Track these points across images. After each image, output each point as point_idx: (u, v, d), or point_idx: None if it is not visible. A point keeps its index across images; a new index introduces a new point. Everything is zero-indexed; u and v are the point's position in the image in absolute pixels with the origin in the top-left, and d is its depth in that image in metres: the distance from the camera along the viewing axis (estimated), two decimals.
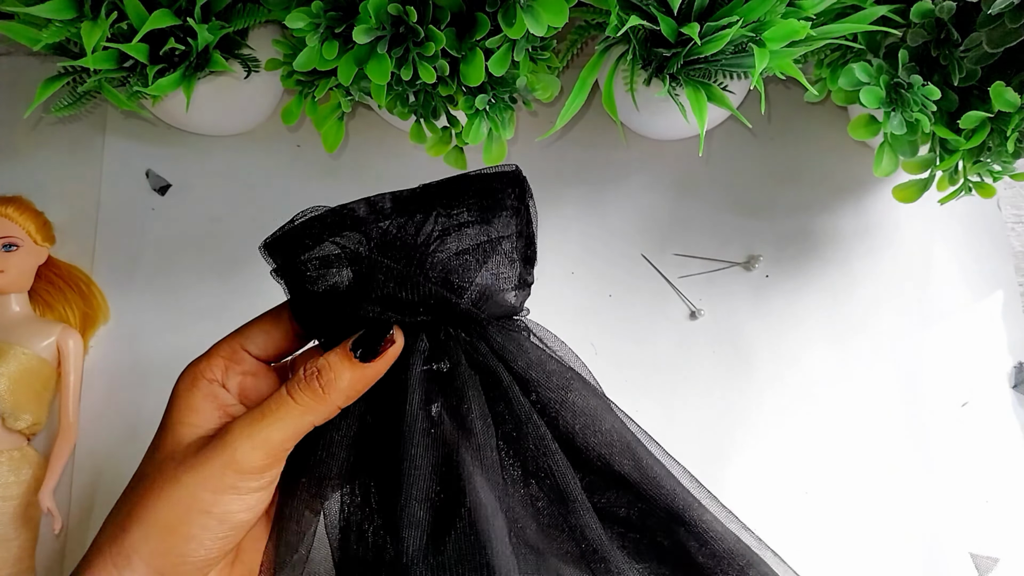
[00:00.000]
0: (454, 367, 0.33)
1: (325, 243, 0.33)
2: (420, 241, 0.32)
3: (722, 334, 0.53)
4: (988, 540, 0.50)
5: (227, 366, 0.36)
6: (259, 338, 0.37)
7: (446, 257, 0.33)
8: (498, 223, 0.33)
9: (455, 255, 0.33)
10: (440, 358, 0.34)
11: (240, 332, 0.38)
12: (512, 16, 0.40)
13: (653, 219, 0.55)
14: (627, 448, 0.34)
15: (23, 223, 0.50)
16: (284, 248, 0.35)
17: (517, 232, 0.34)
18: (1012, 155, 0.44)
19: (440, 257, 0.32)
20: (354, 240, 0.33)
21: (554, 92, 0.45)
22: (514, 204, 0.33)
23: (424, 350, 0.33)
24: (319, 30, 0.41)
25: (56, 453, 0.48)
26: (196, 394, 0.35)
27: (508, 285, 0.34)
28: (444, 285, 0.33)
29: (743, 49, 0.43)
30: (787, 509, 0.50)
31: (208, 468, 0.31)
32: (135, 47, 0.42)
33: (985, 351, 0.53)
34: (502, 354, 0.34)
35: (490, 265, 0.33)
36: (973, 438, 0.52)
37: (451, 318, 0.33)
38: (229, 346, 0.37)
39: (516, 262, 0.34)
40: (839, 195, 0.56)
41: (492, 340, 0.34)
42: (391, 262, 0.32)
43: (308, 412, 0.33)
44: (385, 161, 0.56)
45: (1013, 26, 0.40)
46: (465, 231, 0.33)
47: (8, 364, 0.47)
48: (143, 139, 0.56)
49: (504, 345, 0.34)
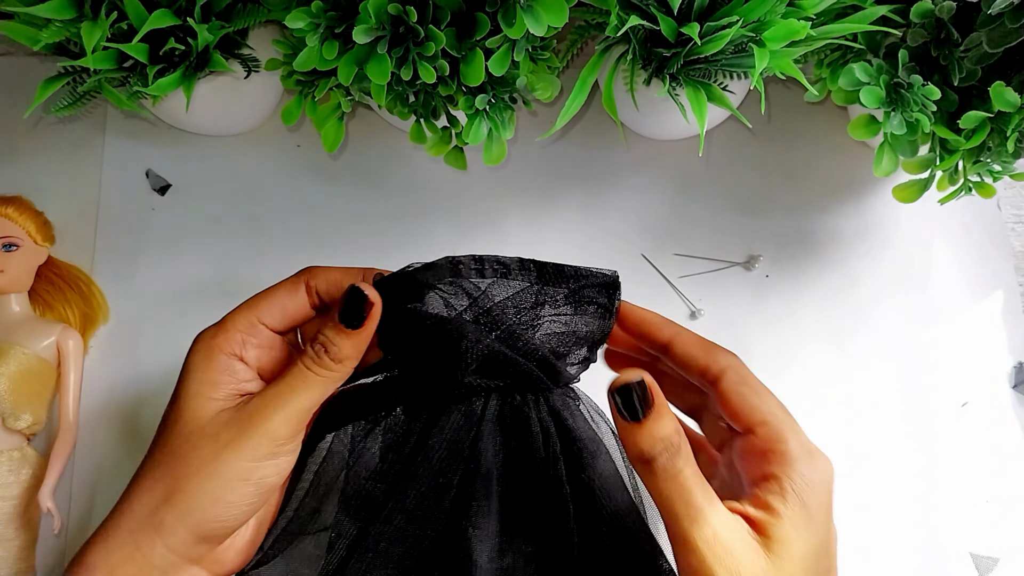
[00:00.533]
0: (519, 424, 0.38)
1: (438, 289, 0.37)
2: (522, 318, 0.37)
3: (722, 334, 0.53)
4: (988, 540, 0.50)
5: (244, 339, 0.38)
6: (275, 311, 0.39)
7: (542, 336, 0.37)
8: (587, 316, 0.38)
9: (548, 336, 0.37)
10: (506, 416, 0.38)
11: (255, 305, 0.39)
12: (512, 16, 0.40)
13: (653, 219, 0.55)
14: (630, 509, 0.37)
15: (23, 223, 0.50)
16: (393, 288, 0.37)
17: (599, 327, 0.38)
18: (1012, 155, 0.44)
19: (536, 335, 0.37)
20: (461, 297, 0.37)
21: (554, 92, 0.45)
22: (606, 303, 0.38)
23: (495, 407, 0.38)
24: (319, 30, 0.41)
25: (56, 453, 0.48)
26: (214, 367, 0.37)
27: (576, 361, 0.39)
28: (529, 356, 0.37)
29: (743, 49, 0.43)
30: None
31: (247, 442, 0.34)
32: (135, 47, 0.42)
33: (985, 351, 0.53)
34: (558, 415, 0.38)
35: (573, 349, 0.38)
36: (973, 438, 0.52)
37: (526, 384, 0.38)
38: (246, 319, 0.38)
39: (591, 345, 0.39)
40: (839, 195, 0.56)
41: (552, 403, 0.38)
42: (496, 332, 0.36)
43: (327, 380, 0.35)
44: (385, 161, 0.56)
45: (1013, 26, 0.40)
46: (561, 317, 0.38)
47: (8, 364, 0.47)
48: (143, 139, 0.56)
49: (559, 410, 0.38)
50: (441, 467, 0.36)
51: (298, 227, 0.55)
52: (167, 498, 0.34)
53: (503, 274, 0.37)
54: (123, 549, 0.34)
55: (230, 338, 0.37)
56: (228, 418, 0.35)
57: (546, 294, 0.37)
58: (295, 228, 0.54)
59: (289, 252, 0.54)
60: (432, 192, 0.55)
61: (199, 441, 0.35)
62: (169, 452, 0.35)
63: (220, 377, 0.36)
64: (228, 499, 0.34)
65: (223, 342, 0.37)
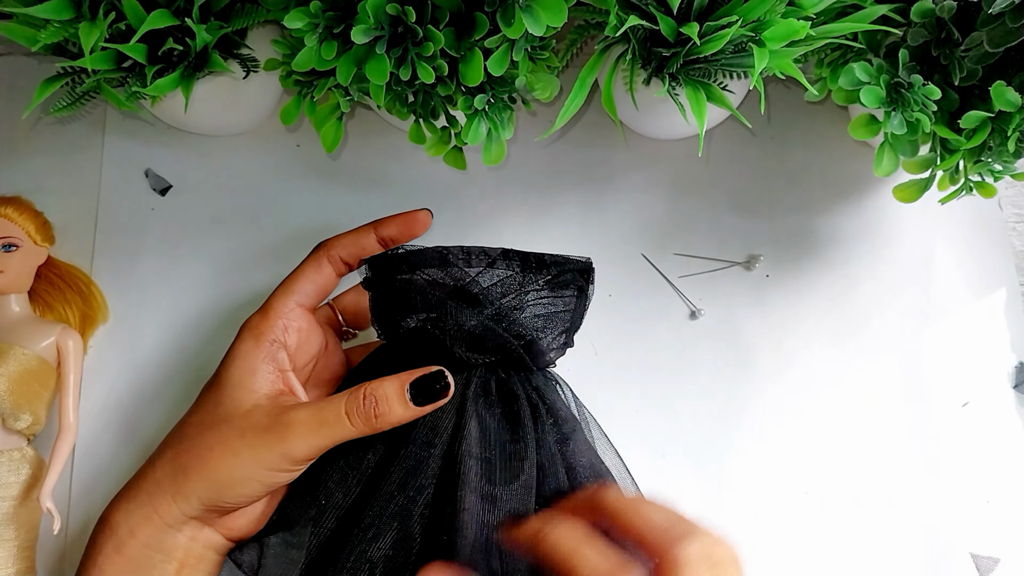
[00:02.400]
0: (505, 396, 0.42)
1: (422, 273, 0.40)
2: (514, 302, 0.41)
3: (722, 334, 0.53)
4: (989, 540, 0.50)
5: (285, 325, 0.41)
6: (308, 289, 0.42)
7: (524, 317, 0.41)
8: (565, 298, 0.42)
9: (532, 317, 0.41)
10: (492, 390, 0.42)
11: (290, 287, 0.42)
12: (511, 16, 0.40)
13: (653, 219, 0.55)
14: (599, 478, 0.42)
15: (22, 223, 0.50)
16: (383, 266, 0.42)
17: (576, 309, 0.43)
18: (1013, 154, 0.43)
19: (519, 316, 0.41)
20: (447, 281, 0.41)
21: (553, 92, 0.45)
22: (582, 286, 0.43)
23: (479, 378, 0.41)
24: (318, 30, 0.41)
25: (56, 453, 0.48)
26: (258, 355, 0.39)
27: (556, 345, 0.43)
28: (517, 338, 0.41)
29: (743, 49, 0.43)
30: (787, 509, 0.50)
31: (266, 452, 0.37)
32: (133, 47, 0.42)
33: (986, 351, 0.53)
34: (541, 393, 0.42)
35: (552, 329, 0.42)
36: (974, 438, 0.51)
37: (510, 363, 0.42)
38: (285, 304, 0.41)
39: (568, 330, 0.43)
40: (839, 195, 0.56)
41: (535, 382, 0.43)
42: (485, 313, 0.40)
43: (357, 431, 0.38)
44: (384, 161, 0.56)
45: (1014, 25, 0.40)
46: (542, 300, 0.42)
47: (8, 364, 0.47)
48: (142, 139, 0.56)
49: (542, 389, 0.42)
50: (433, 425, 0.39)
51: (297, 227, 0.55)
52: (186, 470, 0.37)
53: (488, 264, 0.41)
54: (142, 510, 0.38)
55: (273, 324, 0.40)
56: (259, 423, 0.37)
57: (529, 280, 0.41)
58: (294, 228, 0.54)
59: (289, 252, 0.54)
60: (431, 192, 0.55)
61: (228, 431, 0.37)
62: (198, 429, 0.38)
63: (260, 365, 0.39)
64: (239, 489, 0.37)
65: (267, 330, 0.40)
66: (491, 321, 0.40)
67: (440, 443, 0.39)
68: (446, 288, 0.40)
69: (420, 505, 0.38)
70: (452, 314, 0.39)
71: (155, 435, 0.50)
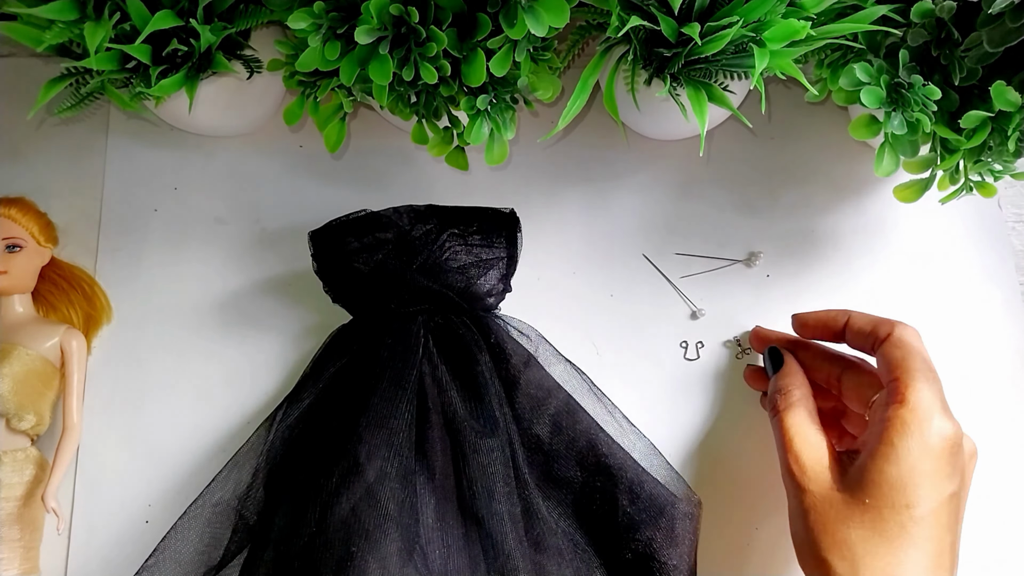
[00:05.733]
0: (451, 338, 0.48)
1: (366, 237, 0.47)
2: (439, 252, 0.47)
3: (723, 333, 0.53)
4: (989, 540, 0.50)
5: None
6: None
7: (457, 266, 0.47)
8: (496, 247, 0.48)
9: (465, 265, 0.48)
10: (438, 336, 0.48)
11: None
12: (513, 16, 0.40)
13: (654, 219, 0.55)
14: (570, 409, 0.48)
15: (26, 224, 0.51)
16: (328, 237, 0.48)
17: (507, 255, 0.49)
18: (1013, 154, 0.44)
19: (452, 265, 0.47)
20: (386, 239, 0.47)
21: (555, 92, 0.46)
22: (510, 235, 0.49)
23: (422, 325, 0.48)
24: (321, 31, 0.41)
25: (60, 453, 0.48)
26: None
27: (490, 289, 0.49)
28: (450, 285, 0.47)
29: (743, 49, 0.43)
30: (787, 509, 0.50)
31: None
32: (138, 48, 0.43)
33: (986, 350, 0.53)
34: (483, 330, 0.48)
35: (487, 275, 0.48)
36: (973, 438, 0.51)
37: (448, 308, 0.48)
38: None
39: (503, 276, 0.49)
40: (839, 195, 0.56)
41: (482, 324, 0.48)
42: (416, 262, 0.47)
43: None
44: (387, 161, 0.56)
45: (1013, 25, 0.40)
46: (472, 249, 0.48)
47: (12, 365, 0.47)
48: (146, 140, 0.56)
49: (487, 325, 0.48)
50: (395, 369, 0.46)
51: (301, 227, 0.55)
52: None
53: (417, 219, 0.47)
54: None
55: None
56: None
57: (456, 231, 0.48)
58: (298, 228, 0.55)
59: (292, 252, 0.54)
60: (434, 192, 0.55)
61: None
62: None
63: None
64: None
65: None
66: (425, 270, 0.46)
67: (410, 386, 0.45)
68: (385, 247, 0.47)
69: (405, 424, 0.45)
70: (390, 269, 0.46)
71: (158, 435, 0.50)
